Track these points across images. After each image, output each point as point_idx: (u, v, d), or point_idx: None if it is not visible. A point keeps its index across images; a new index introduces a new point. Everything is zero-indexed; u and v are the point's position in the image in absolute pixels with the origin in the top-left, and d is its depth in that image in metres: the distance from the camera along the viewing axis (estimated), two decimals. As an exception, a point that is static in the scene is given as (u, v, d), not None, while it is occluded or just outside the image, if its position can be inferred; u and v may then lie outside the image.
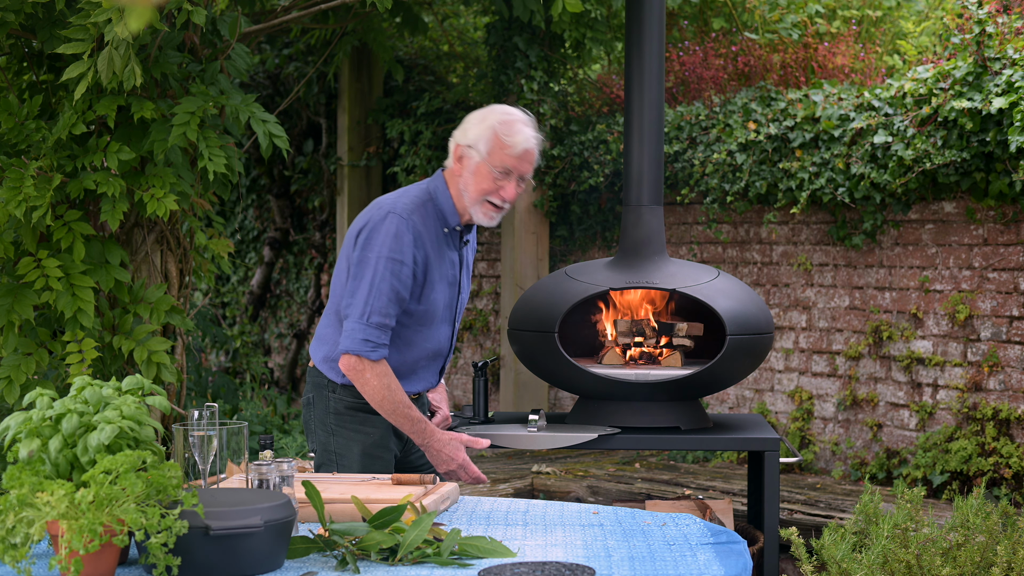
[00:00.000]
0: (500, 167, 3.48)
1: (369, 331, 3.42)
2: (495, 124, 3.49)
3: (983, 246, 6.15)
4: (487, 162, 3.47)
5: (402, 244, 3.43)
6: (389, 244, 3.42)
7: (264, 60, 9.31)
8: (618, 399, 4.59)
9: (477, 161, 3.48)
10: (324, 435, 3.59)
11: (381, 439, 3.57)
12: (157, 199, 4.47)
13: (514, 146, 3.48)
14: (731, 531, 2.86)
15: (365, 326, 3.41)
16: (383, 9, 4.76)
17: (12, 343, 4.53)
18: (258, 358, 9.66)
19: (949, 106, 5.93)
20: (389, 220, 3.44)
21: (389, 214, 3.45)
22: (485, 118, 3.51)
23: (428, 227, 3.49)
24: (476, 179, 3.49)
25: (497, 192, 3.51)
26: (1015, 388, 6.01)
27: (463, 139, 3.51)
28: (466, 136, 3.51)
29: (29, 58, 4.84)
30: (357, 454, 3.55)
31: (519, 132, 3.49)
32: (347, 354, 3.44)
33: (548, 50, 7.86)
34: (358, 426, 3.54)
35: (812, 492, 6.24)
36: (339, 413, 3.56)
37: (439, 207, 3.53)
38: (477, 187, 3.50)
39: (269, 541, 2.42)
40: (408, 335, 3.53)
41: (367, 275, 3.42)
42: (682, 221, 7.50)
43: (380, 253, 3.42)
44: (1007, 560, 3.80)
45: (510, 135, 3.48)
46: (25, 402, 2.58)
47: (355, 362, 3.43)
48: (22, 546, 2.25)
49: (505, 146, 3.47)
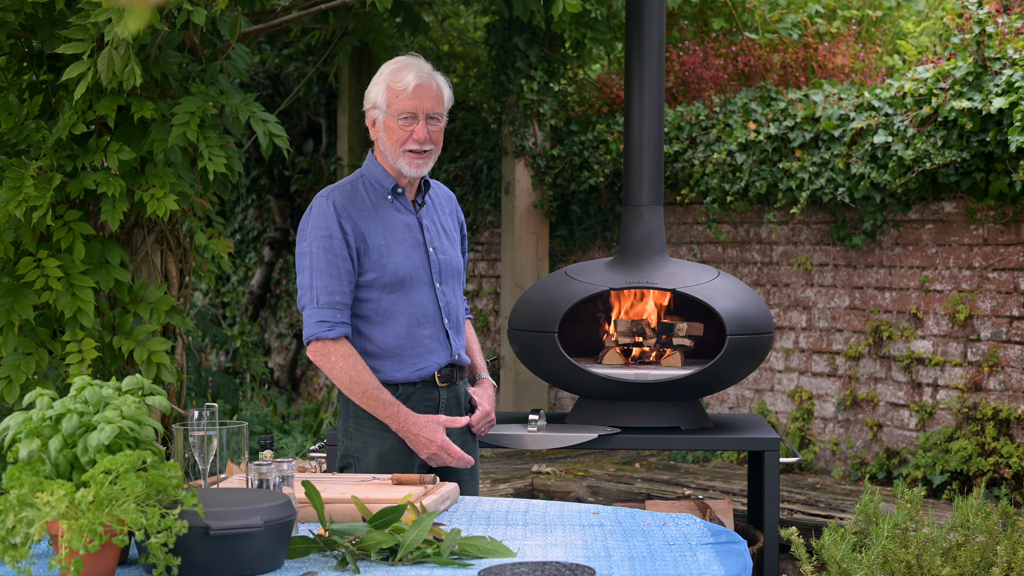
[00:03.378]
0: (401, 113, 3.49)
1: (322, 312, 3.44)
2: (386, 77, 3.52)
3: (983, 246, 6.15)
4: (389, 114, 3.50)
5: (326, 220, 3.47)
6: (313, 224, 3.48)
7: (264, 60, 9.31)
8: (618, 399, 4.59)
9: (382, 118, 3.52)
10: (345, 440, 3.59)
11: (399, 444, 3.53)
12: (157, 199, 4.47)
13: (406, 88, 3.48)
14: (731, 531, 2.86)
15: (317, 308, 3.45)
16: (383, 9, 4.76)
17: (12, 343, 4.53)
18: (258, 358, 9.66)
19: (949, 106, 5.93)
20: (311, 206, 3.52)
21: (316, 198, 3.53)
22: (378, 76, 3.54)
23: (358, 198, 3.52)
24: (389, 135, 3.52)
25: (410, 138, 3.51)
26: (1015, 388, 6.02)
27: (367, 104, 3.56)
28: (368, 100, 3.55)
29: (29, 58, 4.84)
30: (374, 459, 3.53)
31: (408, 72, 3.50)
32: (310, 342, 3.46)
33: (548, 50, 7.86)
34: (376, 430, 3.53)
35: (812, 492, 6.25)
36: (357, 417, 3.55)
37: (369, 179, 3.57)
38: (392, 141, 3.52)
39: (269, 541, 2.42)
40: (385, 306, 3.51)
41: (305, 262, 3.48)
42: (682, 221, 7.50)
43: (310, 237, 3.48)
44: (1007, 560, 3.81)
45: (400, 80, 3.49)
46: (25, 402, 2.58)
47: (319, 346, 3.45)
48: (22, 546, 2.25)
49: (398, 92, 3.49)
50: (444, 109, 3.54)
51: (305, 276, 3.48)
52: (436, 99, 3.51)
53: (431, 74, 3.52)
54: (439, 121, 3.53)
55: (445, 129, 3.61)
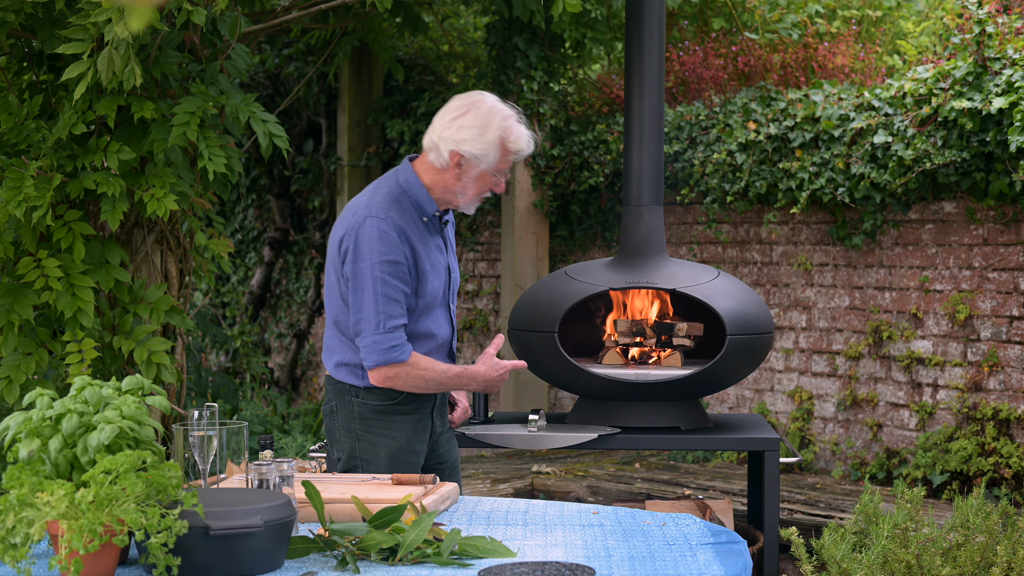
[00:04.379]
0: (502, 171, 3.55)
1: (389, 338, 3.42)
2: (500, 134, 3.49)
3: (983, 246, 6.15)
4: (492, 169, 3.51)
5: (390, 244, 3.42)
6: (377, 248, 3.41)
7: (264, 60, 9.31)
8: (618, 399, 4.59)
9: (482, 169, 3.50)
10: (350, 441, 3.56)
11: (408, 443, 3.55)
12: (157, 199, 4.47)
13: (518, 152, 3.54)
14: (731, 531, 2.86)
15: (384, 335, 3.41)
16: (383, 9, 4.76)
17: (12, 343, 4.53)
18: (258, 358, 9.66)
19: (949, 106, 5.93)
20: (369, 224, 3.43)
21: (367, 218, 3.44)
22: (487, 127, 3.49)
23: (407, 220, 3.49)
24: (478, 183, 3.53)
25: (491, 188, 3.56)
26: (1015, 388, 6.01)
27: (465, 149, 3.48)
28: (468, 147, 3.48)
29: (29, 58, 4.84)
30: (384, 459, 3.54)
31: (521, 137, 3.53)
32: (377, 367, 3.44)
33: (548, 50, 7.86)
34: (384, 430, 3.53)
35: (812, 492, 6.25)
36: (364, 418, 3.54)
37: (413, 198, 3.53)
38: (477, 189, 3.54)
39: (269, 541, 2.42)
40: (415, 328, 3.53)
41: (367, 285, 3.41)
42: (682, 221, 7.50)
43: (372, 260, 3.41)
44: (1007, 560, 3.81)
45: (515, 142, 3.52)
46: (25, 402, 2.58)
47: (388, 371, 3.44)
48: (22, 546, 2.25)
49: (510, 152, 3.53)
50: None
51: (368, 300, 3.41)
52: None
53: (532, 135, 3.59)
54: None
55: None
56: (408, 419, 3.56)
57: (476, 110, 3.50)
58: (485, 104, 3.51)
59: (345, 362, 3.55)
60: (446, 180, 3.52)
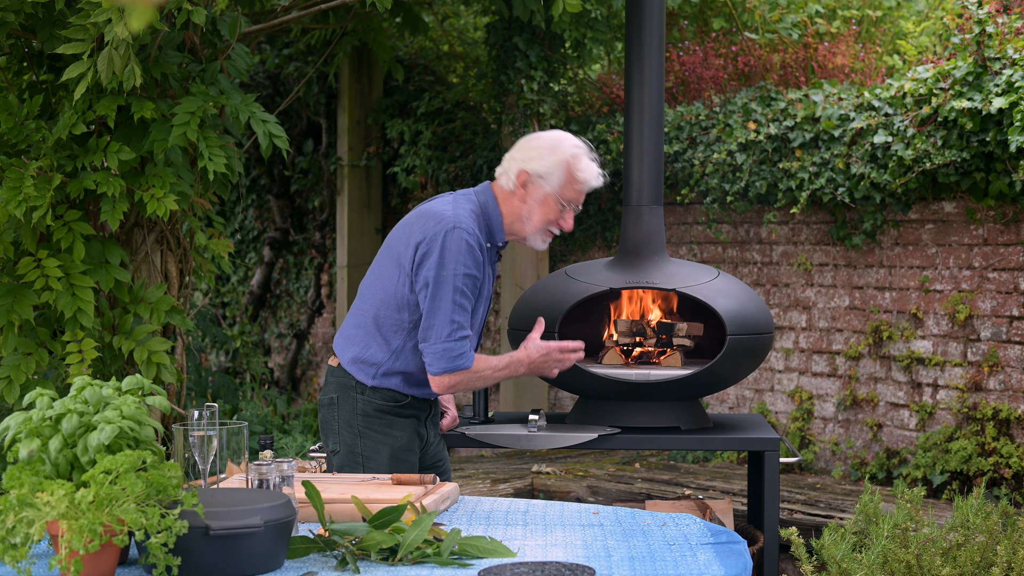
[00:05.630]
0: (568, 200, 3.54)
1: (458, 346, 3.45)
2: (568, 158, 3.52)
3: (983, 246, 6.15)
4: (557, 194, 3.52)
5: (475, 259, 3.46)
6: (463, 260, 3.44)
7: (264, 60, 9.31)
8: (618, 399, 4.59)
9: (547, 192, 3.52)
10: (351, 436, 3.58)
11: (408, 442, 3.59)
12: (157, 199, 4.47)
13: (585, 182, 3.54)
14: (731, 531, 2.86)
15: (455, 343, 3.45)
16: (383, 9, 4.76)
17: (12, 343, 4.53)
18: (258, 358, 9.66)
19: (949, 106, 5.93)
20: (458, 235, 3.44)
21: (456, 229, 3.45)
22: (556, 149, 3.52)
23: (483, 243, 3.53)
24: (543, 209, 3.54)
25: (558, 221, 3.57)
26: (1015, 388, 6.01)
27: (532, 167, 3.52)
28: (535, 165, 3.51)
29: (29, 58, 4.84)
30: (386, 457, 3.55)
31: (589, 168, 3.55)
32: (444, 374, 3.46)
33: (548, 50, 7.86)
34: (387, 429, 3.55)
35: (812, 492, 6.24)
36: (368, 416, 3.56)
37: (488, 222, 3.56)
38: (543, 216, 3.55)
39: (269, 541, 2.42)
40: None
41: (446, 294, 3.43)
42: (682, 221, 7.50)
43: (456, 271, 3.44)
44: (1007, 560, 3.81)
45: (582, 170, 3.54)
46: (25, 402, 2.58)
47: (453, 378, 3.48)
48: (22, 546, 2.25)
49: (577, 181, 3.53)
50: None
51: (444, 306, 3.43)
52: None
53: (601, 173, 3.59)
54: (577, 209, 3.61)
55: (445, 130, 3.64)
56: (407, 422, 3.59)
57: (550, 136, 3.58)
58: (559, 133, 3.59)
59: (364, 358, 3.55)
60: (514, 205, 3.55)
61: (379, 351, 3.53)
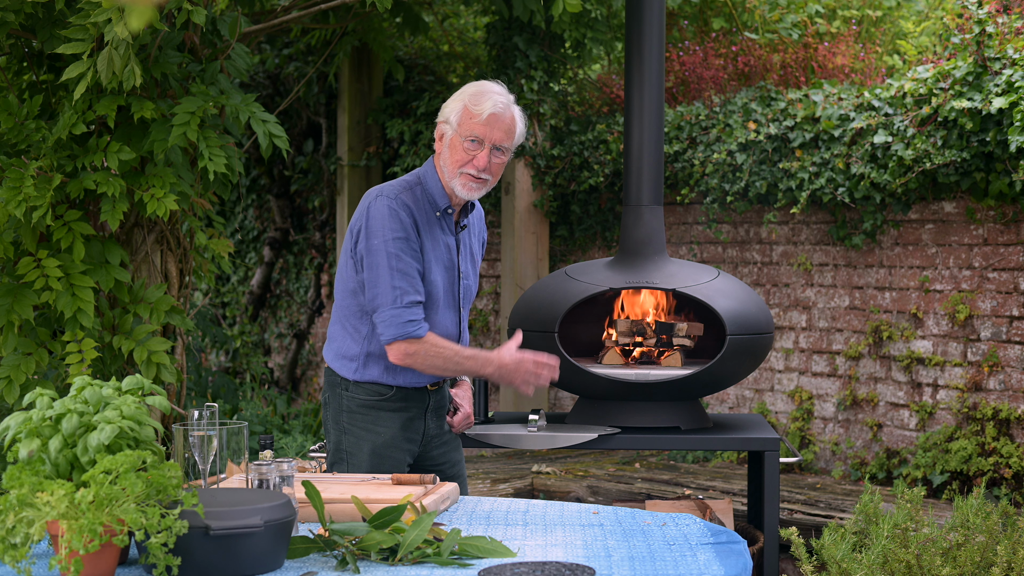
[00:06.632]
0: (469, 135, 3.49)
1: (407, 312, 3.42)
2: (466, 96, 3.52)
3: (983, 246, 6.15)
4: (458, 133, 3.50)
5: (400, 221, 3.45)
6: (389, 225, 3.44)
7: (264, 60, 9.31)
8: (618, 399, 4.59)
9: (451, 135, 3.52)
10: (336, 434, 3.60)
11: (392, 439, 3.57)
12: (157, 199, 4.47)
13: (480, 113, 3.49)
14: (731, 531, 2.86)
15: (401, 309, 3.42)
16: (383, 9, 4.76)
17: (12, 343, 4.53)
18: (258, 358, 9.66)
19: (949, 106, 5.93)
20: (380, 202, 3.47)
21: (378, 197, 3.49)
22: (459, 93, 3.55)
23: (418, 208, 3.52)
24: (451, 153, 3.52)
25: (471, 162, 3.51)
26: (1015, 388, 6.01)
27: (440, 116, 3.56)
28: (442, 112, 3.55)
29: (29, 58, 4.84)
30: (366, 453, 3.55)
31: (487, 99, 3.50)
32: (395, 342, 3.43)
33: (548, 50, 7.86)
34: (369, 425, 3.55)
35: (812, 492, 6.24)
36: (351, 411, 3.57)
37: (427, 190, 3.55)
38: (452, 160, 3.52)
39: (269, 541, 2.42)
40: None
41: (381, 261, 3.43)
42: (682, 221, 7.50)
43: (385, 236, 3.44)
44: (1007, 560, 3.81)
45: (478, 104, 3.50)
46: (25, 402, 2.58)
47: (405, 346, 3.44)
48: (22, 546, 2.25)
49: (473, 115, 3.49)
50: (512, 144, 3.56)
51: (384, 275, 3.43)
52: (507, 132, 3.52)
53: (508, 105, 3.53)
54: (503, 155, 3.54)
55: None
56: (395, 416, 3.57)
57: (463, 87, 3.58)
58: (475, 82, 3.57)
59: (343, 353, 3.57)
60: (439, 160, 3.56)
61: (352, 342, 3.54)
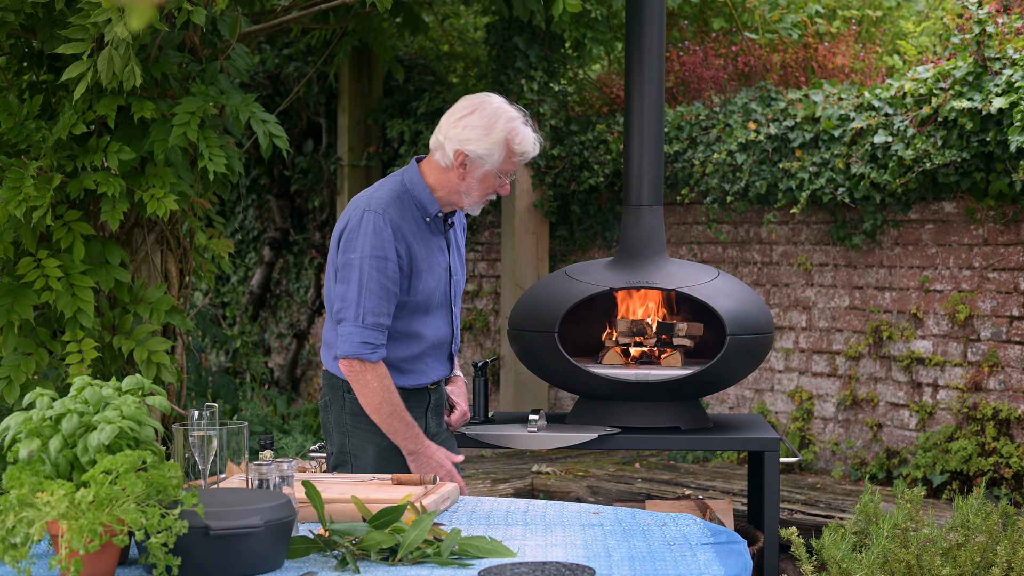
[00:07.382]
0: (507, 172, 3.54)
1: (366, 333, 3.42)
2: (506, 135, 3.48)
3: (983, 246, 6.15)
4: (497, 170, 3.50)
5: (383, 240, 3.43)
6: (370, 242, 3.43)
7: (264, 60, 9.31)
8: (618, 399, 4.59)
9: (487, 170, 3.50)
10: (340, 437, 3.59)
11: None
12: (157, 199, 4.47)
13: (523, 154, 3.53)
14: (731, 531, 2.86)
15: (361, 328, 3.42)
16: (383, 9, 4.76)
17: (12, 343, 4.53)
18: (258, 358, 9.66)
19: (949, 106, 5.93)
20: (366, 218, 3.45)
21: (365, 212, 3.46)
22: (492, 128, 3.47)
23: (406, 218, 3.50)
24: (482, 184, 3.53)
25: (496, 190, 3.56)
26: (1015, 388, 6.01)
27: (470, 149, 3.47)
28: (473, 147, 3.47)
29: (29, 58, 4.84)
30: (371, 455, 3.55)
31: (526, 139, 3.52)
32: (347, 358, 3.44)
33: (548, 50, 7.86)
34: (372, 427, 3.54)
35: (812, 492, 6.25)
36: (355, 414, 3.56)
37: (416, 198, 3.54)
38: (482, 191, 3.54)
39: (269, 541, 2.42)
40: (407, 327, 3.53)
41: (354, 277, 3.43)
42: (682, 221, 7.50)
43: (363, 253, 3.43)
44: (1007, 560, 3.81)
45: (520, 144, 3.51)
46: (25, 402, 2.58)
47: (356, 365, 3.44)
48: (22, 546, 2.25)
49: (515, 154, 3.51)
50: None
51: (352, 290, 3.42)
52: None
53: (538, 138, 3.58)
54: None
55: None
56: None
57: (482, 110, 3.50)
58: (491, 105, 3.51)
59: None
60: (451, 180, 3.53)
61: None
